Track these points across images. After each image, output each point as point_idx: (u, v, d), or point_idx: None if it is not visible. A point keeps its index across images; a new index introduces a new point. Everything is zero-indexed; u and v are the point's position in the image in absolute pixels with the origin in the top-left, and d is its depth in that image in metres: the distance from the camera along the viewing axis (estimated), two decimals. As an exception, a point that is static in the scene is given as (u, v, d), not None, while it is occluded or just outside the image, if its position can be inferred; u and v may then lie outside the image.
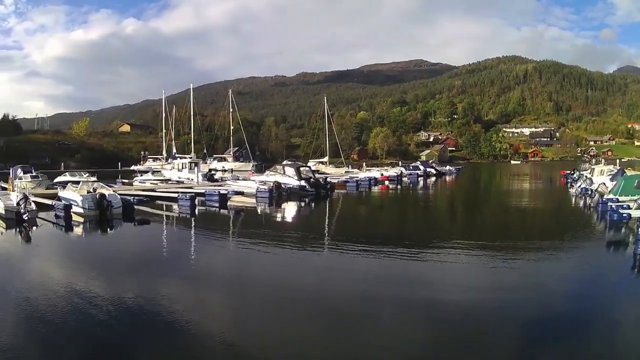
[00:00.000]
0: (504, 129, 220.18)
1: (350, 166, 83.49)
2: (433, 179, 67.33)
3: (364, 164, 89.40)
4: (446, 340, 8.32)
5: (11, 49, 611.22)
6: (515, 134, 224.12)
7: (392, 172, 64.42)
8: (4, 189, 32.69)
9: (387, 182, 56.04)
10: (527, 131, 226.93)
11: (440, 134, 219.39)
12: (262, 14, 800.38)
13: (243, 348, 7.97)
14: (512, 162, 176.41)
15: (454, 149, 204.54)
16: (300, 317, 9.58)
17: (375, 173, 60.93)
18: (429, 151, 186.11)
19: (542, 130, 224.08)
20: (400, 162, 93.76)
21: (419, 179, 64.83)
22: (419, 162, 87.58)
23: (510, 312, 9.66)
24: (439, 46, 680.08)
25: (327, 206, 34.23)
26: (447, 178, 72.31)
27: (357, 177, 54.02)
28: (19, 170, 35.71)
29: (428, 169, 73.08)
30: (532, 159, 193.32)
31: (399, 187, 53.66)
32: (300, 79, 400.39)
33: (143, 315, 9.45)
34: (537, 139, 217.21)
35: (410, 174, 66.53)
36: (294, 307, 10.21)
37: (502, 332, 8.70)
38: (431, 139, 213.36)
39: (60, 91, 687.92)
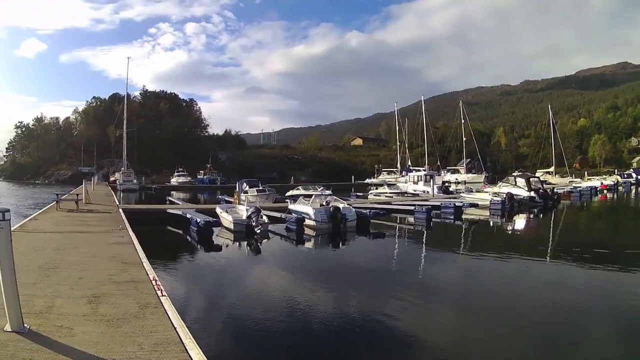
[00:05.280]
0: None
1: (573, 175, 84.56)
2: (644, 187, 70.09)
3: (586, 173, 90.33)
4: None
5: (227, 66, 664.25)
6: None
7: (609, 180, 67.71)
8: (229, 202, 33.92)
9: (605, 192, 58.29)
10: None
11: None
12: (483, 21, 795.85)
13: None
14: None
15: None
16: (521, 334, 9.33)
17: (595, 182, 63.78)
18: (639, 158, 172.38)
19: None
20: (615, 170, 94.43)
21: (632, 187, 68.85)
22: (632, 170, 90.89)
23: None
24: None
25: (556, 218, 34.59)
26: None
27: (580, 187, 56.15)
28: (245, 184, 36.10)
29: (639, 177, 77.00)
30: None
31: (615, 196, 56.15)
32: (524, 87, 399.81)
33: (364, 327, 9.53)
34: None
35: (625, 183, 70.46)
36: (515, 323, 9.97)
37: None
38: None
39: (286, 106, 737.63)
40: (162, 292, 8.21)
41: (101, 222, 19.66)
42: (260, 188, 37.44)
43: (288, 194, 42.77)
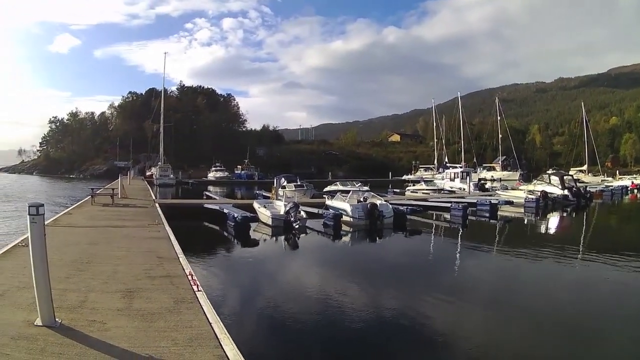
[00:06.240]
0: None
1: (605, 174, 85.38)
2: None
3: (617, 172, 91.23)
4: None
5: (265, 61, 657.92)
6: None
7: (639, 180, 68.00)
8: (266, 197, 33.79)
9: (635, 191, 58.80)
10: None
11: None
12: (519, 17, 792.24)
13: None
14: None
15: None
16: (552, 336, 9.10)
17: (626, 182, 64.69)
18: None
19: None
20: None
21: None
22: None
23: None
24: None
25: (589, 216, 34.89)
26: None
27: (612, 186, 57.33)
28: (283, 179, 36.19)
29: None
30: None
31: (644, 196, 57.35)
32: (558, 85, 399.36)
33: (398, 325, 9.58)
34: None
35: None
36: (547, 324, 9.66)
37: None
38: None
39: (323, 101, 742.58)
40: (197, 287, 8.18)
41: (137, 217, 19.80)
42: (298, 183, 37.79)
43: (326, 189, 42.99)
